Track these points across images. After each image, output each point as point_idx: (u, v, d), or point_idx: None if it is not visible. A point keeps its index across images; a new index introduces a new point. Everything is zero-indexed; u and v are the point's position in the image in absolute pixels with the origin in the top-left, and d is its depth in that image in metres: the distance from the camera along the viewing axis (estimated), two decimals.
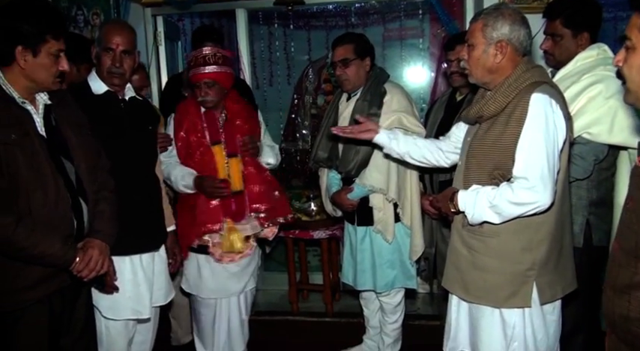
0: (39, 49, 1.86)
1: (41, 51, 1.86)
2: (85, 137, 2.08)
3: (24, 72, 1.87)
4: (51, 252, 1.84)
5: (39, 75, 1.89)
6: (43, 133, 1.92)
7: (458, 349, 2.16)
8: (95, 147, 2.13)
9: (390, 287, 2.95)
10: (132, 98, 2.46)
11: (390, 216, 2.86)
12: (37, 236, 1.81)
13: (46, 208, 1.86)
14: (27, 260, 1.84)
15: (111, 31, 2.34)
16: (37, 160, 1.85)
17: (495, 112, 1.94)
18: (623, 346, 1.43)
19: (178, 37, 4.76)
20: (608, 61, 2.33)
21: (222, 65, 2.73)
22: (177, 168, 2.74)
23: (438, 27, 4.89)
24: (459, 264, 2.07)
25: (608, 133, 2.23)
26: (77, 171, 1.99)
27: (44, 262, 1.86)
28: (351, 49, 2.84)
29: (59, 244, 1.87)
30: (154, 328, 2.65)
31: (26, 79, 1.89)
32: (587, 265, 2.35)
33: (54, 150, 1.93)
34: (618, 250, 1.43)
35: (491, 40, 1.93)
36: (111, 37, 2.31)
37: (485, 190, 1.92)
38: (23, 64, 1.86)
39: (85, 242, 1.97)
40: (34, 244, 1.81)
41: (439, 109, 2.95)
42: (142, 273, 2.43)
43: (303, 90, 5.42)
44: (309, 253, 4.39)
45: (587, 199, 2.35)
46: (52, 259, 1.86)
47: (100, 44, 2.34)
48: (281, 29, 5.65)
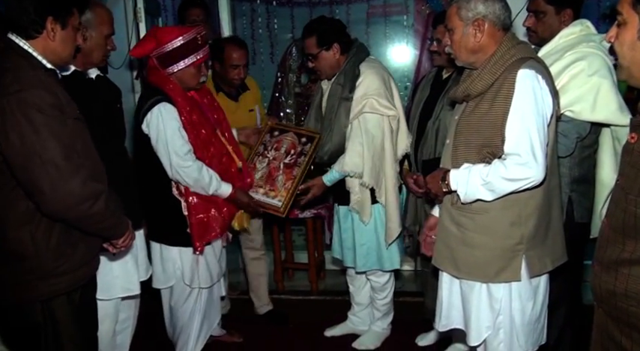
0: (67, 22, 1.80)
1: (69, 23, 1.81)
2: None
3: (51, 45, 1.79)
4: (122, 220, 1.91)
5: (65, 49, 1.83)
6: None
7: (451, 326, 2.19)
8: None
9: (368, 267, 2.97)
10: (98, 76, 2.41)
11: (366, 197, 2.85)
12: (114, 205, 1.85)
13: (102, 181, 1.88)
14: (99, 232, 1.87)
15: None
16: (87, 133, 1.87)
17: (482, 89, 1.95)
18: (609, 320, 1.46)
19: (159, 13, 4.66)
20: (591, 38, 2.34)
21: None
22: (213, 175, 2.61)
23: (422, 4, 4.85)
24: (449, 241, 2.09)
25: (590, 110, 2.23)
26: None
27: (112, 233, 1.91)
28: (314, 42, 2.83)
29: (122, 214, 1.91)
30: (136, 305, 2.67)
31: (51, 53, 1.81)
32: (569, 240, 2.34)
33: None
34: (607, 227, 1.45)
35: (468, 20, 1.95)
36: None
37: (477, 168, 1.93)
38: (52, 37, 1.78)
39: None
40: (114, 212, 1.84)
41: (425, 87, 2.93)
42: (129, 250, 2.41)
43: (286, 68, 5.35)
44: (294, 232, 4.41)
45: (569, 176, 2.36)
46: (121, 229, 1.92)
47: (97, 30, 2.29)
48: (264, 6, 5.55)
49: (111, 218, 1.84)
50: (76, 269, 1.85)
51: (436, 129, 2.70)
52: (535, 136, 1.84)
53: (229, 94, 3.27)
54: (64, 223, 1.77)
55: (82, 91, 2.23)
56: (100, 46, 2.30)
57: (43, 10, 1.74)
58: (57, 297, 1.82)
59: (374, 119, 2.77)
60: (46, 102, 1.67)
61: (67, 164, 1.69)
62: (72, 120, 1.76)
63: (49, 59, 1.80)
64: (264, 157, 2.90)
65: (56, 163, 1.67)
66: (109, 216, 1.82)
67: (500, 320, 2.03)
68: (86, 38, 2.21)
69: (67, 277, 1.82)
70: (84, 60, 2.29)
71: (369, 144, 2.76)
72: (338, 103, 2.80)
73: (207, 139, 2.65)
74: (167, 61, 2.54)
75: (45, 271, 1.78)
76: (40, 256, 1.77)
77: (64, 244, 1.80)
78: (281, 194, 2.77)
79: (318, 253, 4.07)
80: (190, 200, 2.62)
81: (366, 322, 3.23)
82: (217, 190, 2.63)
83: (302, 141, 2.87)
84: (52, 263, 1.79)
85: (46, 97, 1.68)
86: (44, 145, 1.66)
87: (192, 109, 2.60)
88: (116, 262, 2.38)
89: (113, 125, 2.41)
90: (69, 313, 1.85)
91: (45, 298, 1.80)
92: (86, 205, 1.73)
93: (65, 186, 1.68)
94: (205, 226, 2.65)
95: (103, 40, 2.31)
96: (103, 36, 2.30)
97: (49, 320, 1.81)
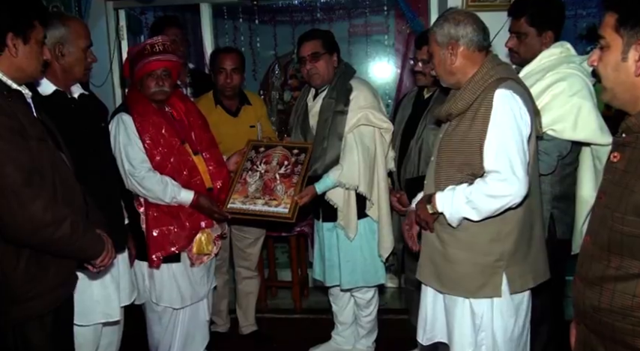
0: (29, 36, 1.74)
1: (31, 38, 1.75)
2: None
3: (15, 62, 1.73)
4: (92, 243, 1.83)
5: (30, 64, 1.76)
6: None
7: (435, 340, 2.20)
8: None
9: (354, 284, 2.95)
10: (81, 95, 2.36)
11: (352, 212, 2.85)
12: (83, 228, 1.78)
13: (71, 200, 1.82)
14: (69, 254, 1.80)
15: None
16: (55, 154, 1.80)
17: (462, 109, 2.00)
18: (593, 335, 1.47)
19: (141, 31, 4.66)
20: (571, 59, 2.40)
21: (175, 55, 2.69)
22: (169, 182, 2.57)
23: (402, 23, 4.92)
24: (433, 256, 2.12)
25: (572, 129, 2.28)
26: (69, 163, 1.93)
27: (84, 255, 1.84)
28: (320, 44, 2.84)
29: (96, 234, 1.84)
30: (120, 329, 2.60)
31: (16, 70, 1.75)
32: (551, 257, 2.36)
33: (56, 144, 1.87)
34: (590, 244, 1.46)
35: (442, 44, 2.03)
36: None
37: (460, 188, 1.96)
38: (14, 53, 1.73)
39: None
40: (82, 235, 1.77)
41: (407, 105, 2.96)
42: (109, 275, 2.37)
43: (269, 86, 5.38)
44: (278, 249, 4.39)
45: (550, 193, 2.39)
46: (93, 251, 1.85)
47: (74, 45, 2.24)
48: (246, 24, 5.58)
49: (80, 241, 1.77)
50: (50, 291, 1.79)
51: (419, 148, 2.73)
52: (514, 153, 1.88)
53: (228, 108, 3.23)
54: (30, 248, 1.72)
55: (63, 111, 2.20)
56: (80, 59, 2.26)
57: (1, 26, 1.69)
58: (30, 321, 1.76)
59: (369, 132, 2.81)
60: (3, 126, 1.62)
61: (27, 190, 1.63)
62: (36, 141, 1.70)
63: (14, 77, 1.74)
64: (254, 172, 2.86)
65: (14, 190, 1.61)
66: (76, 239, 1.75)
67: (482, 337, 2.04)
68: (64, 54, 2.20)
69: (39, 301, 1.76)
70: (65, 77, 2.25)
71: (365, 156, 2.78)
72: (332, 117, 2.80)
73: (168, 150, 2.61)
74: (131, 71, 2.63)
75: (15, 295, 1.72)
76: (9, 280, 1.71)
77: (34, 267, 1.74)
78: (284, 201, 2.73)
79: (302, 270, 4.05)
80: (150, 213, 2.59)
81: (350, 341, 3.21)
82: (176, 197, 2.58)
83: (294, 152, 2.87)
84: (23, 287, 1.73)
85: (3, 121, 1.63)
86: (1, 171, 1.61)
87: (151, 119, 2.58)
88: (96, 286, 2.32)
89: (96, 144, 2.37)
90: (43, 336, 1.79)
91: (17, 322, 1.74)
92: (48, 231, 1.68)
93: (24, 213, 1.63)
94: (163, 240, 2.59)
95: (82, 53, 2.25)
96: (81, 49, 2.25)
97: (22, 344, 1.75)
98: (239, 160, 2.93)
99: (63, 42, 2.20)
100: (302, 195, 2.75)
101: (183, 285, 2.70)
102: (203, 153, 2.76)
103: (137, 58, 2.59)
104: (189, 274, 2.72)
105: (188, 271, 2.71)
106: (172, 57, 2.64)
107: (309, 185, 2.80)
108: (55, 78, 2.23)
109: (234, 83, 3.16)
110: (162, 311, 2.72)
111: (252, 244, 3.42)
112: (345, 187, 2.80)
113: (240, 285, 3.51)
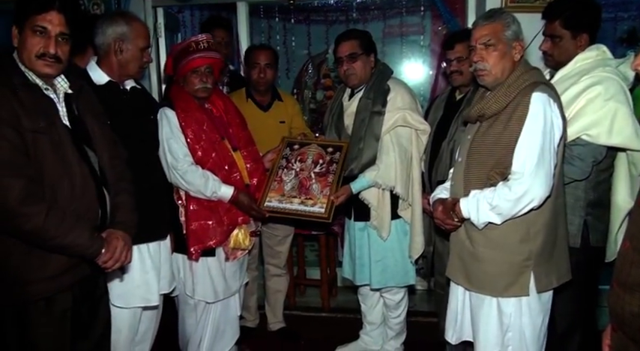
0: (23, 25, 1.81)
1: (25, 27, 1.81)
2: (105, 127, 2.08)
3: (19, 53, 1.83)
4: (80, 242, 1.82)
5: (24, 53, 1.82)
6: (66, 123, 1.90)
7: (463, 339, 2.23)
8: (113, 137, 2.13)
9: (384, 284, 2.95)
10: (132, 88, 2.48)
11: (386, 212, 2.85)
12: (67, 226, 1.78)
13: (73, 197, 1.84)
14: (55, 250, 1.82)
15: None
16: (63, 149, 1.83)
17: (497, 110, 2.03)
18: (632, 343, 1.44)
19: (178, 29, 4.75)
20: (607, 63, 2.35)
21: (219, 52, 2.76)
22: (210, 176, 2.61)
23: (439, 24, 4.89)
24: (462, 254, 2.15)
25: (607, 134, 2.24)
26: (100, 161, 1.98)
27: (72, 252, 1.84)
28: (357, 44, 2.83)
29: (87, 235, 1.84)
30: (158, 316, 2.68)
31: (21, 61, 1.84)
32: (585, 264, 2.37)
33: (78, 139, 1.91)
34: (630, 249, 1.44)
35: (510, 40, 2.06)
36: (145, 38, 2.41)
37: (484, 195, 2.00)
38: (16, 44, 1.82)
39: (108, 233, 1.95)
40: (64, 233, 1.78)
41: (438, 107, 2.95)
42: (150, 261, 2.46)
43: (302, 84, 5.41)
44: (307, 248, 4.41)
45: (584, 200, 2.36)
46: (81, 250, 1.84)
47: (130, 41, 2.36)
48: (281, 23, 5.63)
49: (62, 238, 1.78)
50: (53, 277, 1.83)
51: (451, 149, 2.70)
52: (542, 157, 1.92)
53: (259, 103, 3.28)
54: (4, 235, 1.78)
55: (113, 100, 2.31)
56: (136, 58, 2.39)
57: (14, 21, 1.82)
58: (33, 304, 1.82)
59: (406, 133, 2.81)
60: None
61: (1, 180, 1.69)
62: (31, 133, 1.75)
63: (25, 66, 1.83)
64: (289, 170, 2.86)
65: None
66: (54, 235, 1.76)
67: (509, 337, 2.07)
68: (122, 50, 2.35)
69: (39, 285, 1.81)
70: (120, 71, 2.38)
71: (402, 157, 2.78)
72: (369, 117, 2.80)
73: (210, 146, 2.65)
74: (174, 68, 2.69)
75: (15, 279, 1.80)
76: (6, 265, 1.79)
77: (31, 254, 1.80)
78: (320, 201, 2.74)
79: (331, 269, 4.06)
80: (190, 207, 2.63)
81: (378, 342, 3.22)
82: (216, 192, 2.61)
83: (329, 151, 2.88)
84: (21, 272, 1.80)
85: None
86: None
87: (194, 115, 2.63)
88: (137, 271, 2.39)
89: (144, 135, 2.47)
90: (46, 320, 1.84)
91: (18, 304, 1.81)
92: (17, 221, 1.72)
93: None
94: (202, 234, 2.63)
95: (139, 52, 2.39)
96: (139, 49, 2.38)
97: (22, 326, 1.82)
98: (274, 158, 2.94)
99: (123, 39, 2.34)
100: (338, 194, 2.75)
101: (217, 279, 2.73)
102: (241, 150, 2.81)
103: (181, 55, 2.65)
104: (223, 269, 2.76)
105: (222, 265, 2.75)
106: (216, 55, 2.70)
107: (345, 185, 2.81)
108: (111, 70, 2.38)
109: (267, 78, 3.21)
110: (195, 304, 2.77)
111: (281, 242, 3.45)
112: (381, 188, 2.81)
113: (269, 282, 3.55)
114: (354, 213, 2.97)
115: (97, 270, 1.95)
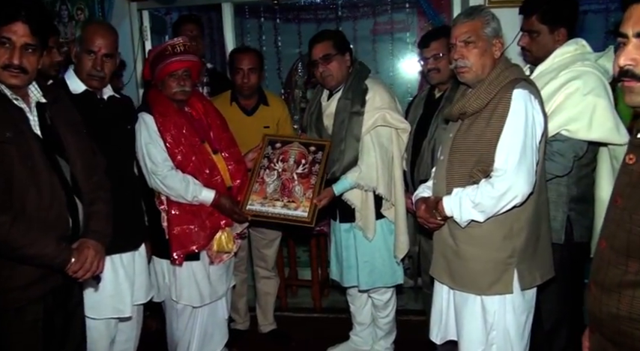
0: None
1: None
2: (80, 136, 2.05)
3: None
4: (46, 252, 1.80)
5: None
6: (37, 132, 1.88)
7: (447, 338, 2.22)
8: (90, 146, 2.11)
9: (372, 285, 2.94)
10: (110, 97, 2.45)
11: (370, 213, 2.84)
12: (32, 236, 1.77)
13: (41, 207, 1.83)
14: (22, 260, 1.80)
15: (93, 33, 2.32)
16: (31, 158, 1.82)
17: (478, 108, 2.03)
18: (610, 345, 1.42)
19: (166, 32, 4.73)
20: (586, 57, 2.34)
21: (195, 55, 2.73)
22: (191, 180, 2.60)
23: (425, 21, 4.88)
24: (446, 253, 2.15)
25: (586, 129, 2.22)
26: (72, 170, 1.96)
27: (39, 262, 1.82)
28: (331, 44, 2.81)
29: (54, 245, 1.83)
30: (138, 326, 2.67)
31: None
32: (569, 260, 2.37)
33: (49, 149, 1.89)
34: (606, 249, 1.42)
35: (490, 36, 2.06)
36: (94, 40, 2.31)
37: (466, 192, 2.00)
38: None
39: (80, 242, 1.93)
40: (29, 243, 1.76)
41: (418, 105, 2.94)
42: (123, 271, 2.44)
43: (292, 84, 5.40)
44: (298, 248, 4.40)
45: (567, 195, 2.35)
46: (47, 260, 1.83)
47: (82, 45, 2.32)
48: (270, 22, 5.62)
49: (26, 249, 1.77)
50: (26, 286, 1.83)
51: (432, 148, 2.69)
52: (523, 153, 1.91)
53: (244, 107, 3.25)
54: None
55: (88, 109, 2.27)
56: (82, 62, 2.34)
57: None
58: (8, 312, 1.81)
59: (387, 132, 2.80)
60: None
61: None
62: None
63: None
64: (271, 170, 2.84)
65: None
66: (19, 245, 1.76)
67: (493, 335, 2.06)
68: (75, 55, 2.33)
69: (13, 294, 1.81)
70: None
71: (383, 157, 2.77)
72: (349, 118, 2.79)
73: (189, 149, 2.64)
74: (152, 72, 2.66)
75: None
76: None
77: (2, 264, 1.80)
78: (303, 204, 2.72)
79: (322, 270, 4.06)
80: (171, 212, 2.62)
81: (368, 342, 3.21)
82: (197, 196, 2.60)
83: (311, 150, 2.85)
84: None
85: None
86: None
87: (172, 119, 2.61)
88: (109, 282, 2.37)
89: (120, 144, 2.45)
90: (23, 327, 1.83)
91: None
92: None
93: None
94: (184, 238, 2.61)
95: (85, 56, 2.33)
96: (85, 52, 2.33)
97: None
98: (256, 157, 2.92)
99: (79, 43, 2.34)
100: (320, 197, 2.74)
101: (203, 283, 2.73)
102: (222, 152, 2.79)
103: (158, 59, 2.62)
104: (208, 273, 2.75)
105: (207, 269, 2.75)
106: (193, 57, 2.68)
107: (327, 187, 2.80)
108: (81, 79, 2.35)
109: (250, 83, 3.16)
110: (181, 309, 2.76)
111: (268, 245, 3.44)
112: (363, 189, 2.79)
113: (258, 284, 3.54)
114: (339, 214, 2.96)
115: (70, 280, 1.94)
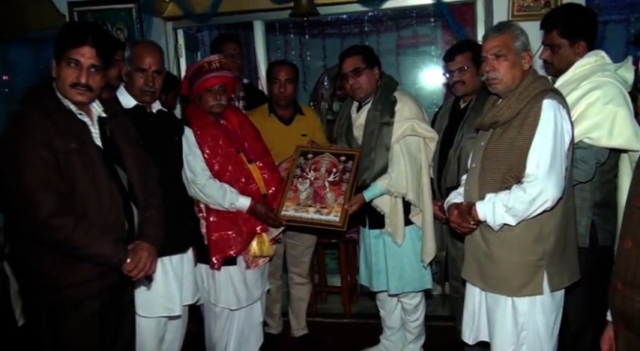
0: (60, 58, 2.00)
1: (61, 60, 2.00)
2: (137, 147, 2.24)
3: (57, 82, 2.02)
4: (104, 252, 1.97)
5: (59, 83, 2.01)
6: (99, 143, 2.07)
7: (480, 339, 2.30)
8: (145, 156, 2.28)
9: (401, 289, 3.02)
10: (159, 111, 2.63)
11: (399, 219, 2.93)
12: (93, 237, 1.94)
13: (101, 211, 2.00)
14: (82, 258, 1.97)
15: (142, 52, 2.50)
16: (93, 167, 2.00)
17: (510, 117, 2.13)
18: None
19: (197, 48, 4.90)
20: (605, 67, 2.42)
21: (230, 71, 2.89)
22: (228, 189, 2.75)
23: (449, 34, 4.95)
24: (478, 256, 2.23)
25: (607, 137, 2.31)
26: (129, 178, 2.14)
27: (98, 261, 1.99)
28: (361, 59, 2.93)
29: (111, 245, 1.99)
30: (184, 326, 2.80)
31: (58, 89, 2.03)
32: (594, 264, 2.42)
33: (109, 158, 2.08)
34: (633, 247, 1.49)
35: (520, 50, 2.16)
36: (143, 58, 2.48)
37: (499, 197, 2.08)
38: (54, 74, 2.01)
39: (135, 244, 2.09)
40: (90, 243, 1.93)
41: (443, 116, 3.03)
42: (173, 273, 2.58)
43: (319, 97, 5.50)
44: (327, 255, 4.49)
45: (590, 200, 2.42)
46: (105, 259, 1.99)
47: (132, 64, 2.50)
48: (297, 38, 5.75)
49: (87, 248, 1.94)
50: (84, 282, 2.00)
51: (458, 156, 2.79)
52: (553, 160, 2.02)
53: (281, 117, 3.39)
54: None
55: (139, 123, 2.44)
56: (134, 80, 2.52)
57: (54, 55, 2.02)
58: (66, 307, 1.98)
59: (415, 142, 2.90)
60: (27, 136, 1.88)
61: (37, 196, 1.87)
62: (63, 154, 1.93)
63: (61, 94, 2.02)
64: (304, 179, 2.96)
65: (27, 194, 1.87)
66: (80, 245, 1.92)
67: (523, 336, 2.14)
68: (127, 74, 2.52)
69: (72, 290, 1.98)
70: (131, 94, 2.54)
71: (412, 165, 2.87)
72: (379, 128, 2.89)
73: (226, 159, 2.78)
74: (189, 88, 2.84)
75: (48, 283, 1.98)
76: (40, 270, 1.98)
77: (64, 260, 1.96)
78: (335, 210, 2.83)
79: (351, 276, 4.12)
80: (210, 219, 2.76)
81: (398, 346, 3.28)
82: (234, 203, 2.74)
83: (341, 159, 2.97)
84: (55, 277, 1.97)
85: (27, 133, 1.89)
86: (20, 175, 1.87)
87: (209, 131, 2.77)
88: (160, 282, 2.52)
89: (169, 155, 2.62)
90: (79, 321, 2.01)
91: (52, 307, 1.99)
92: (47, 233, 1.89)
93: (30, 214, 1.88)
94: (222, 244, 2.75)
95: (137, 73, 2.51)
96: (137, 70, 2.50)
97: (55, 328, 1.99)
98: (289, 167, 3.05)
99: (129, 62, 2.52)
100: (351, 203, 2.85)
101: (239, 287, 2.85)
102: (257, 161, 2.93)
103: (195, 76, 2.80)
104: (244, 277, 2.87)
105: (244, 274, 2.87)
106: (228, 73, 2.84)
107: (358, 193, 2.90)
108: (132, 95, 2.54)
109: (287, 93, 3.32)
110: (219, 312, 2.89)
111: (304, 252, 3.55)
112: (393, 195, 2.89)
113: (292, 290, 3.65)
114: (369, 221, 3.05)
115: (125, 279, 2.10)
